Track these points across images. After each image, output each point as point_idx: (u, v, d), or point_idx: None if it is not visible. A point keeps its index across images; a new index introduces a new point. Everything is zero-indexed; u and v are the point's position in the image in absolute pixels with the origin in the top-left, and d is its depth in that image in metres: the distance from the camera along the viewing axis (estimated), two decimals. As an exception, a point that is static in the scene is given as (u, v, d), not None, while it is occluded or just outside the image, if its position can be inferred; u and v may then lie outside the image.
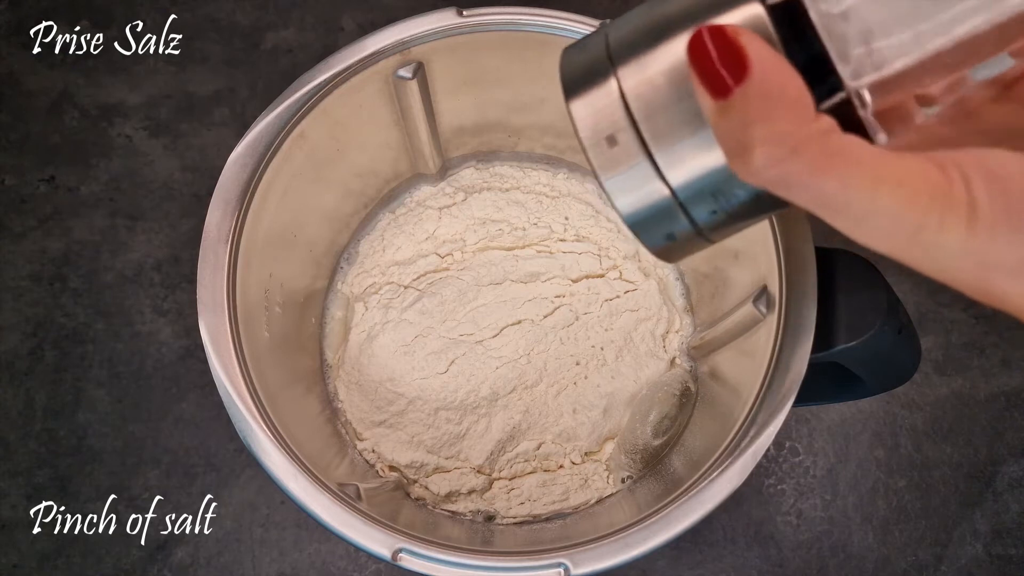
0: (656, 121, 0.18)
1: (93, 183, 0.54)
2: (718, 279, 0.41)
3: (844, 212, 0.16)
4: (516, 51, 0.38)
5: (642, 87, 0.18)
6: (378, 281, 0.45)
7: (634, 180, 0.19)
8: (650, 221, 0.19)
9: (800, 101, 0.16)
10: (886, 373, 0.35)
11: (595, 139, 0.19)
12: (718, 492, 0.30)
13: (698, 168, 0.18)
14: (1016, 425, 0.49)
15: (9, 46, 0.57)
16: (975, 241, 0.15)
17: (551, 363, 0.42)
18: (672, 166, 0.18)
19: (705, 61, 0.16)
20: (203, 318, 0.32)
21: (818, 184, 0.15)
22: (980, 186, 0.15)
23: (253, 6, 0.58)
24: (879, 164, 0.15)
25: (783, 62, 0.16)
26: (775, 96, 0.15)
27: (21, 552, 0.47)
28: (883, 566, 0.47)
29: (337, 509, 0.31)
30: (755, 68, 0.15)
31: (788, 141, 0.15)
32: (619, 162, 0.18)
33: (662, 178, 0.18)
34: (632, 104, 0.18)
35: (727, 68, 0.16)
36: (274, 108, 0.35)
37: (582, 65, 0.19)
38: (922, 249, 0.15)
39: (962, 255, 0.15)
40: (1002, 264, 0.15)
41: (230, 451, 0.48)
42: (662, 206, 0.19)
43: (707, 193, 0.18)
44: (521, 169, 0.47)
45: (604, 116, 0.18)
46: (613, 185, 0.19)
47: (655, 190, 0.18)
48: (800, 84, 0.16)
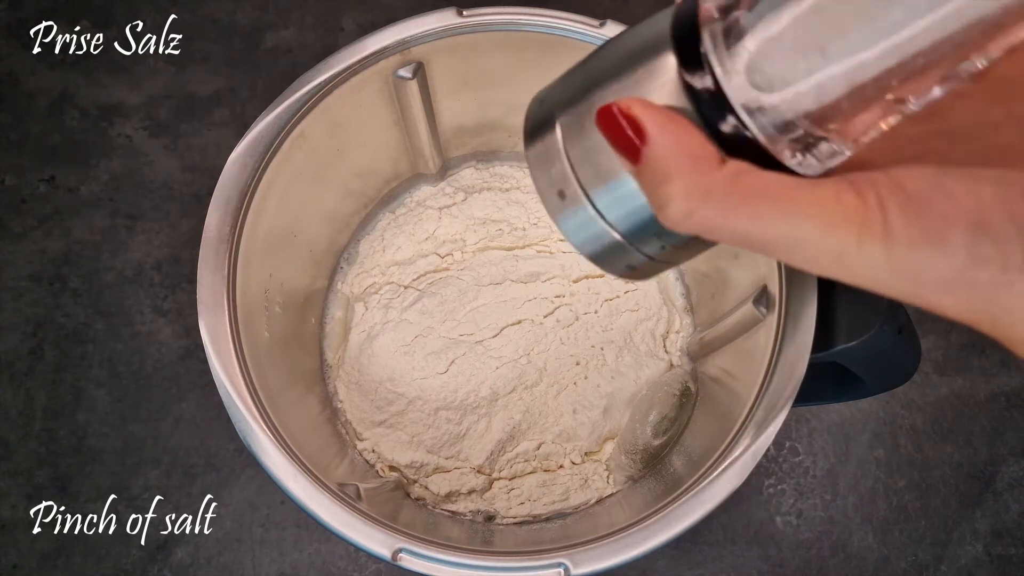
0: (591, 172, 0.19)
1: (93, 183, 0.54)
2: (718, 279, 0.41)
3: (767, 247, 0.16)
4: (516, 51, 0.38)
5: (578, 139, 0.19)
6: (378, 281, 0.44)
7: (581, 222, 0.20)
8: (608, 257, 0.21)
9: (701, 155, 0.17)
10: (886, 373, 0.35)
11: (547, 190, 0.20)
12: (718, 492, 0.30)
13: (631, 208, 0.19)
14: (1016, 425, 0.49)
15: (9, 46, 0.57)
16: (895, 260, 0.15)
17: (551, 363, 0.42)
18: (609, 208, 0.20)
19: (612, 132, 0.18)
20: (203, 318, 0.32)
21: (733, 225, 0.16)
22: (895, 208, 0.15)
23: (253, 6, 0.58)
24: (792, 195, 0.16)
25: (678, 122, 0.17)
26: (675, 156, 0.17)
27: (21, 552, 0.47)
28: (883, 566, 0.47)
29: (337, 509, 0.31)
30: (650, 134, 0.17)
31: (694, 193, 0.16)
32: (566, 207, 0.20)
33: (604, 220, 0.20)
34: (571, 155, 0.20)
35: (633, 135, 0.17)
36: (274, 108, 0.35)
37: (537, 114, 0.21)
38: (851, 271, 0.16)
39: (890, 273, 0.16)
40: (928, 280, 0.15)
41: (230, 451, 0.48)
42: (613, 245, 0.20)
43: (650, 232, 0.20)
44: (521, 169, 0.47)
45: (554, 169, 0.20)
46: (565, 227, 0.20)
47: (601, 230, 0.20)
48: (699, 139, 0.17)
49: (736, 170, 0.17)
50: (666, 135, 0.17)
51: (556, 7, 0.36)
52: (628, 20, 0.36)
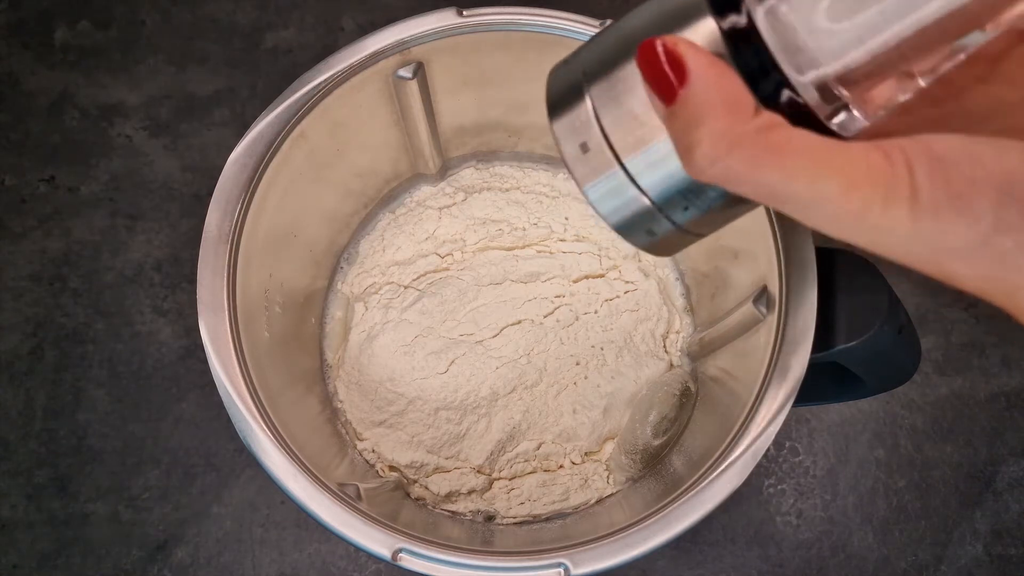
0: (623, 133, 0.19)
1: (93, 183, 0.54)
2: (718, 279, 0.41)
3: (790, 201, 0.16)
4: (516, 51, 0.38)
5: (609, 102, 0.19)
6: (378, 281, 0.45)
7: (611, 188, 0.20)
8: (633, 224, 0.21)
9: (738, 101, 0.17)
10: (886, 373, 0.35)
11: (574, 154, 0.20)
12: (718, 492, 0.30)
13: (664, 172, 0.19)
14: (1016, 425, 0.49)
15: (9, 46, 0.57)
16: (920, 224, 0.15)
17: (551, 363, 0.42)
18: (642, 172, 0.20)
19: (652, 69, 0.17)
20: (203, 318, 0.32)
21: (758, 176, 0.16)
22: (923, 171, 0.15)
23: (253, 6, 0.58)
24: (821, 153, 0.16)
25: (721, 66, 0.17)
26: (712, 98, 0.17)
27: (21, 552, 0.47)
28: (883, 566, 0.47)
29: (337, 509, 0.31)
30: (693, 73, 0.17)
31: (725, 138, 0.16)
32: (596, 173, 0.20)
33: (635, 184, 0.20)
34: (603, 119, 0.20)
35: (672, 74, 0.17)
36: (274, 108, 0.35)
37: (561, 86, 0.21)
38: (871, 233, 0.16)
39: (911, 238, 0.16)
40: (948, 246, 0.15)
41: (230, 451, 0.48)
42: (640, 210, 0.20)
43: (678, 194, 0.20)
44: (521, 169, 0.47)
45: (580, 132, 0.20)
46: (594, 194, 0.20)
47: (632, 196, 0.20)
48: (738, 85, 0.17)
49: (769, 121, 0.17)
50: (708, 75, 0.17)
51: (556, 7, 0.36)
52: (628, 20, 0.36)
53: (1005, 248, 0.15)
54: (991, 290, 0.16)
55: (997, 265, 0.15)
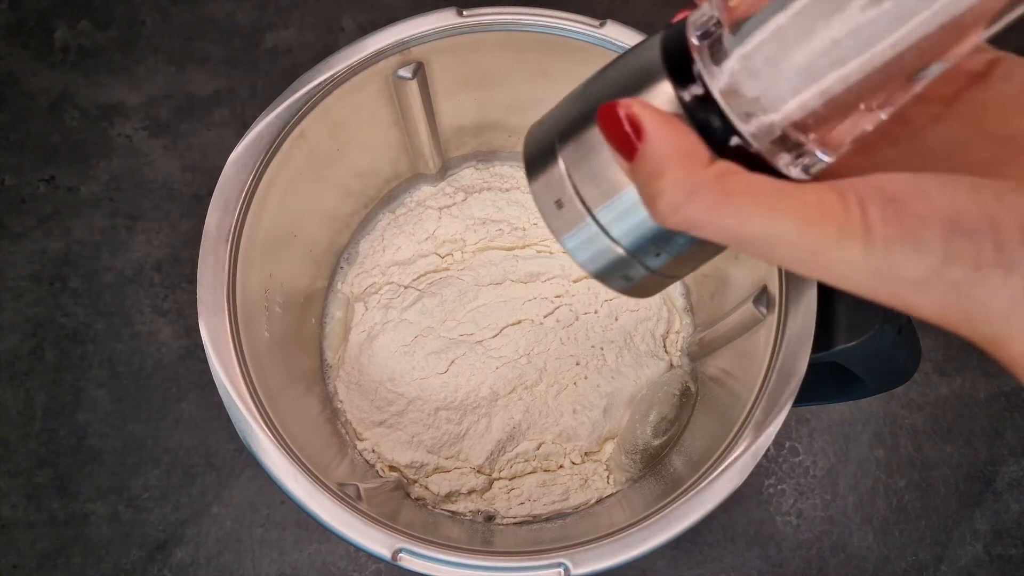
0: (592, 188, 0.21)
1: (93, 183, 0.54)
2: (718, 279, 0.41)
3: (749, 242, 0.17)
4: (516, 51, 0.38)
5: (579, 161, 0.21)
6: (378, 281, 0.44)
7: (586, 239, 0.21)
8: (610, 271, 0.22)
9: (692, 153, 0.18)
10: (886, 373, 0.35)
11: (550, 210, 0.22)
12: (718, 492, 0.30)
13: (633, 222, 0.21)
14: (1016, 425, 0.49)
15: (9, 46, 0.57)
16: (874, 259, 0.16)
17: (551, 363, 0.42)
18: (612, 224, 0.21)
19: (611, 129, 0.19)
20: (203, 318, 0.32)
21: (717, 220, 0.17)
22: (875, 209, 0.16)
23: (253, 6, 0.58)
24: (774, 195, 0.17)
25: (674, 122, 0.18)
26: (669, 152, 0.18)
27: (21, 552, 0.47)
28: (883, 566, 0.47)
29: (337, 509, 0.31)
30: (648, 130, 0.18)
31: (683, 187, 0.17)
32: (571, 226, 0.21)
33: (608, 235, 0.21)
34: (573, 176, 0.21)
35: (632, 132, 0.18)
36: (274, 108, 0.35)
37: (536, 146, 0.22)
38: (830, 268, 0.17)
39: (867, 272, 0.16)
40: (903, 279, 0.16)
41: (230, 451, 0.48)
42: (615, 258, 0.22)
43: (648, 241, 0.21)
44: (521, 169, 0.47)
45: (554, 189, 0.21)
46: (571, 245, 0.22)
47: (605, 246, 0.21)
48: (692, 139, 0.18)
49: (724, 169, 0.18)
50: (662, 132, 0.18)
51: (556, 7, 0.36)
52: (628, 20, 0.36)
53: (956, 278, 0.16)
54: (950, 319, 0.17)
55: (952, 295, 0.16)
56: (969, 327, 0.17)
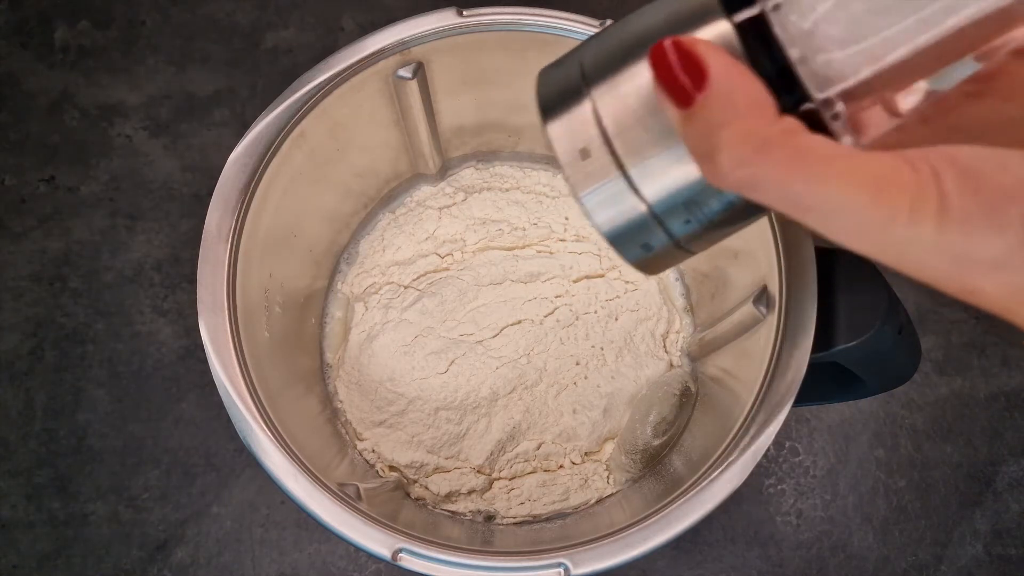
0: (628, 137, 0.18)
1: (93, 183, 0.54)
2: (718, 279, 0.41)
3: (814, 210, 0.16)
4: (516, 51, 0.38)
5: (614, 105, 0.19)
6: (378, 281, 0.44)
7: (610, 196, 0.19)
8: (628, 235, 0.20)
9: (761, 104, 0.16)
10: (886, 373, 0.35)
11: (571, 158, 0.19)
12: (718, 492, 0.30)
13: (669, 181, 0.19)
14: (1016, 425, 0.49)
15: (9, 46, 0.57)
16: (947, 236, 0.15)
17: (551, 363, 0.42)
18: (645, 180, 0.19)
19: (667, 72, 0.17)
20: (203, 318, 0.32)
21: (785, 182, 0.16)
22: (951, 181, 0.15)
23: (253, 6, 0.58)
24: (846, 161, 0.15)
25: (741, 68, 0.16)
26: (736, 100, 0.16)
27: (21, 552, 0.47)
28: (883, 566, 0.47)
29: (337, 509, 0.31)
30: (714, 74, 0.16)
31: (752, 141, 0.16)
32: (594, 179, 0.19)
33: (636, 192, 0.19)
34: (605, 122, 0.19)
35: (688, 77, 0.16)
36: (274, 108, 0.35)
37: (557, 87, 0.20)
38: (895, 245, 0.15)
39: (935, 250, 0.15)
40: (975, 259, 0.15)
41: (230, 451, 0.48)
42: (638, 219, 0.19)
43: (680, 204, 0.19)
44: (521, 169, 0.47)
45: (579, 136, 0.19)
46: (590, 201, 0.19)
47: (631, 205, 0.19)
48: (760, 88, 0.16)
49: (793, 126, 0.16)
50: (730, 76, 0.16)
51: (556, 7, 0.36)
52: (628, 20, 0.36)
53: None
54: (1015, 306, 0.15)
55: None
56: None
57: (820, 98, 0.17)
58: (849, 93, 0.17)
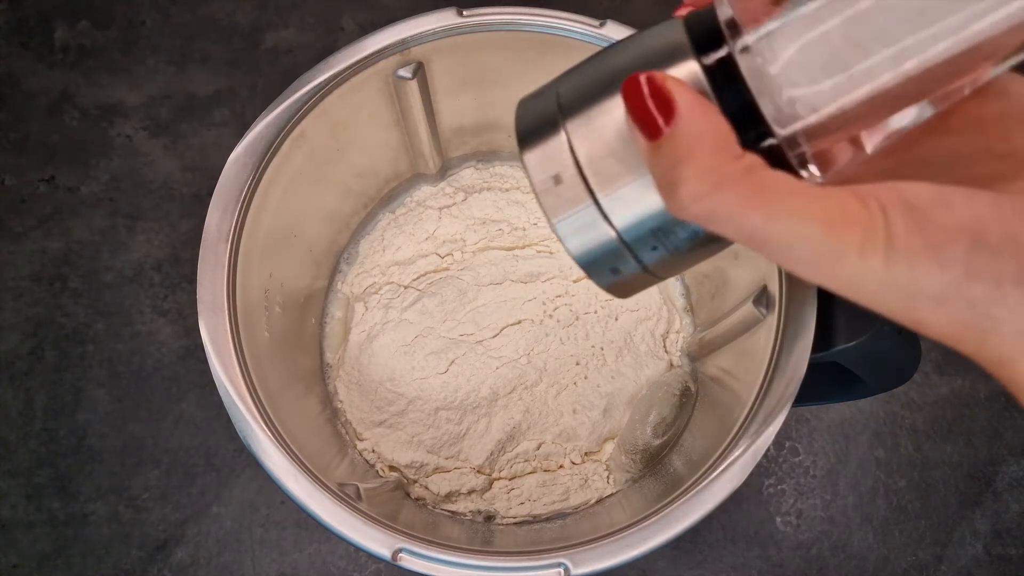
0: (599, 167, 0.19)
1: (93, 183, 0.54)
2: (718, 279, 0.41)
3: (769, 243, 0.16)
4: (516, 51, 0.38)
5: (587, 136, 0.19)
6: (378, 281, 0.45)
7: (582, 223, 0.20)
8: (598, 260, 0.21)
9: (724, 140, 0.17)
10: (886, 373, 0.35)
11: (545, 186, 0.20)
12: (718, 492, 0.30)
13: (638, 209, 0.19)
14: (1016, 425, 0.49)
15: (9, 46, 0.57)
16: (894, 270, 0.16)
17: (551, 363, 0.42)
18: (615, 209, 0.19)
19: (638, 104, 0.17)
20: (203, 318, 0.32)
21: (741, 216, 0.16)
22: (898, 218, 0.16)
23: (253, 6, 0.58)
24: (801, 197, 0.16)
25: (708, 106, 0.17)
26: (700, 135, 0.17)
27: (21, 552, 0.47)
28: (883, 566, 0.47)
29: (337, 509, 0.31)
30: (680, 110, 0.17)
31: (712, 176, 0.16)
32: (567, 206, 0.20)
33: (606, 220, 0.20)
34: (578, 152, 0.19)
35: (658, 110, 0.17)
36: (274, 108, 0.35)
37: (534, 117, 0.21)
38: (846, 278, 0.16)
39: (883, 284, 0.16)
40: (921, 293, 0.16)
41: (230, 451, 0.48)
42: (608, 246, 0.20)
43: (648, 233, 0.20)
44: (521, 169, 0.47)
45: (553, 164, 0.20)
46: (564, 228, 0.20)
47: (602, 232, 0.20)
48: (724, 126, 0.17)
49: (753, 163, 0.17)
50: (695, 114, 0.17)
51: (556, 7, 0.36)
52: (628, 20, 0.36)
53: (975, 295, 0.15)
54: (960, 337, 0.16)
55: (967, 312, 0.16)
56: (976, 346, 0.16)
57: (783, 135, 0.17)
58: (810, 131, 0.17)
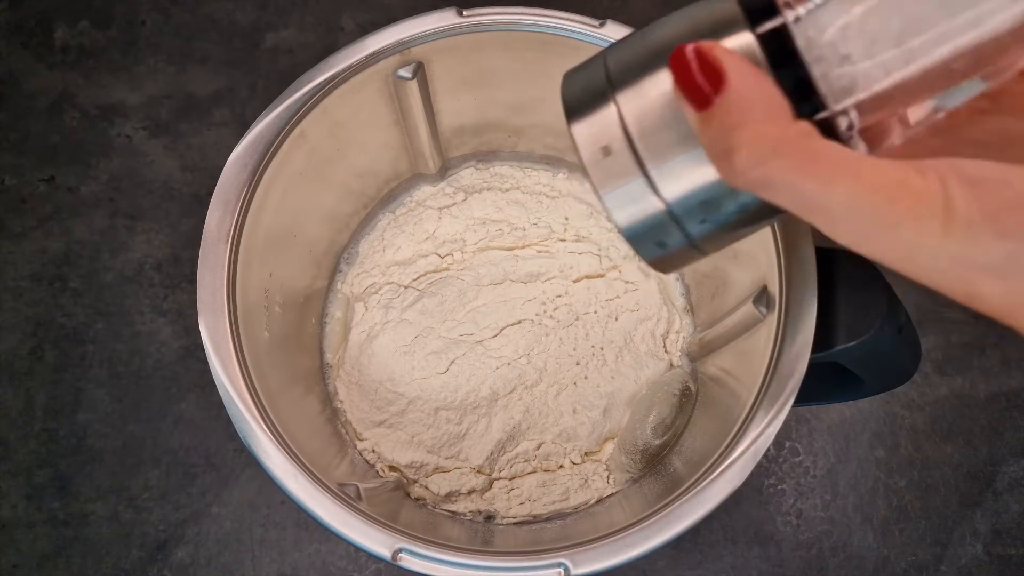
0: (649, 139, 0.19)
1: (93, 183, 0.54)
2: (718, 279, 0.41)
3: (823, 211, 0.16)
4: (516, 51, 0.38)
5: (636, 108, 0.19)
6: (378, 281, 0.45)
7: (630, 195, 0.20)
8: (645, 233, 0.21)
9: (777, 108, 0.17)
10: (886, 373, 0.35)
11: (594, 158, 0.20)
12: (718, 492, 0.30)
13: (687, 181, 0.19)
14: (1016, 425, 0.49)
15: (9, 46, 0.57)
16: (952, 241, 0.15)
17: (551, 363, 0.42)
18: (664, 180, 0.19)
19: (686, 75, 0.17)
20: (203, 318, 0.32)
21: (799, 183, 0.16)
22: (957, 189, 0.15)
23: (253, 6, 0.58)
24: (858, 165, 0.16)
25: (760, 73, 0.17)
26: (752, 103, 0.17)
27: (21, 552, 0.47)
28: (883, 566, 0.47)
29: (337, 509, 0.31)
30: (731, 78, 0.17)
31: (767, 142, 0.16)
32: (616, 178, 0.20)
33: (655, 192, 0.20)
34: (628, 124, 0.19)
35: (706, 80, 0.17)
36: (274, 108, 0.35)
37: (582, 89, 0.21)
38: (901, 250, 0.16)
39: (941, 255, 0.16)
40: (980, 265, 0.15)
41: (230, 451, 0.48)
42: (656, 218, 0.20)
43: (696, 205, 0.20)
44: (521, 169, 0.47)
45: (603, 136, 0.20)
46: (611, 200, 0.20)
47: (650, 204, 0.20)
48: (777, 93, 0.17)
49: (807, 130, 0.17)
50: (747, 80, 0.17)
51: (556, 7, 0.36)
52: (628, 20, 0.36)
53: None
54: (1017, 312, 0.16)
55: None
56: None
57: (836, 108, 0.17)
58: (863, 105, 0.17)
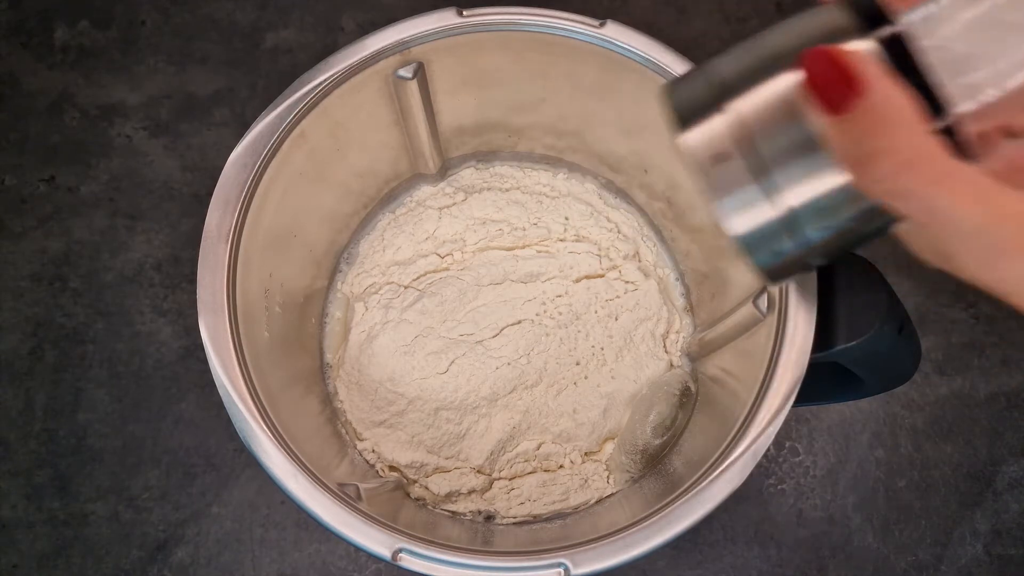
0: (765, 146, 0.19)
1: (93, 183, 0.54)
2: (718, 279, 0.41)
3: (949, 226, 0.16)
4: (516, 51, 0.38)
5: (751, 115, 0.19)
6: (378, 281, 0.45)
7: (748, 202, 0.20)
8: (760, 240, 0.21)
9: (915, 120, 0.16)
10: (886, 373, 0.35)
11: (708, 166, 0.20)
12: (718, 492, 0.30)
13: (809, 188, 0.19)
14: (1016, 425, 0.49)
15: (9, 46, 0.57)
16: None
17: (551, 363, 0.42)
18: (781, 188, 0.19)
19: (822, 78, 0.17)
20: (203, 318, 0.32)
21: (932, 196, 0.16)
22: None
23: (253, 6, 0.58)
24: (992, 187, 0.16)
25: (898, 83, 0.17)
26: (893, 110, 0.16)
27: (21, 552, 0.47)
28: (883, 566, 0.47)
29: (337, 509, 0.31)
30: (874, 85, 0.16)
31: (905, 154, 0.16)
32: (731, 186, 0.20)
33: (772, 200, 0.19)
34: (742, 132, 0.19)
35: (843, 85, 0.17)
36: (274, 108, 0.35)
37: (692, 99, 0.20)
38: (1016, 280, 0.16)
39: None
40: None
41: (230, 451, 0.48)
42: (771, 226, 0.20)
43: (817, 213, 0.19)
44: (521, 169, 0.47)
45: (716, 143, 0.20)
46: (728, 207, 0.20)
47: (768, 212, 0.20)
48: (913, 105, 0.17)
49: (943, 144, 0.16)
50: (887, 86, 0.17)
51: (556, 7, 0.36)
52: (628, 20, 0.36)
53: None
54: None
55: None
56: None
57: (955, 114, 0.17)
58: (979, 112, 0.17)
